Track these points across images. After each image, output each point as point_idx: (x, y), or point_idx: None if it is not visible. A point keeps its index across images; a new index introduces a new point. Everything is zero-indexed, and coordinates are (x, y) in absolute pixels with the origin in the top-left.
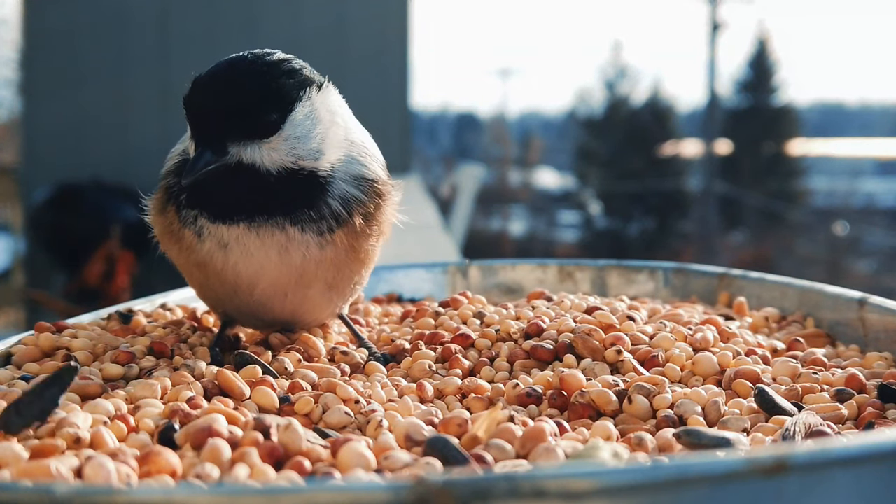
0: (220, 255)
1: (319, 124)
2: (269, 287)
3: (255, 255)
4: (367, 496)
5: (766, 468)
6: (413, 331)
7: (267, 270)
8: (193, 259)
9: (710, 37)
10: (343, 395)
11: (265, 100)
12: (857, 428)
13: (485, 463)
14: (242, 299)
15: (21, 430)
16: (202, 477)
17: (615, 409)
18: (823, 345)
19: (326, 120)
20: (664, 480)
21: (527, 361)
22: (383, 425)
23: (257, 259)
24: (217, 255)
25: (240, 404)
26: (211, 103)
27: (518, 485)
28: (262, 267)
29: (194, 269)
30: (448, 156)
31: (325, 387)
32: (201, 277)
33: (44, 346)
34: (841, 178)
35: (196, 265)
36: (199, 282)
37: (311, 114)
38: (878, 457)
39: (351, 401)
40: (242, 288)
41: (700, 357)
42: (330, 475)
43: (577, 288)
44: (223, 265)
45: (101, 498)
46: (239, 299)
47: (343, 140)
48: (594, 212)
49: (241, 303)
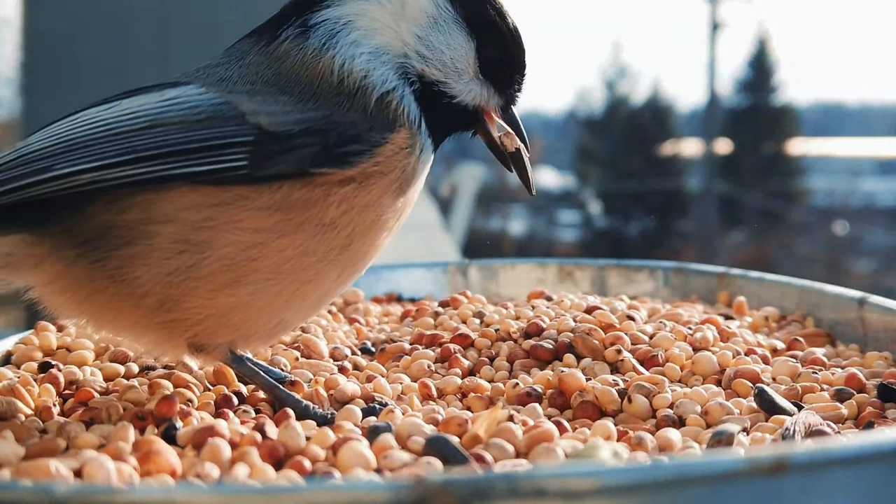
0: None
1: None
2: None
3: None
4: (367, 496)
5: (766, 468)
6: (413, 330)
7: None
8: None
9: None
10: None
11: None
12: (857, 427)
13: (485, 462)
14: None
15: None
16: (202, 476)
17: (617, 408)
18: (823, 344)
19: None
20: (664, 480)
21: (526, 361)
22: (395, 412)
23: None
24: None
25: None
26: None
27: (518, 484)
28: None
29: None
30: (448, 155)
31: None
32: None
33: (44, 345)
34: (841, 178)
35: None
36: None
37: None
38: (878, 456)
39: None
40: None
41: (700, 356)
42: (330, 475)
43: (577, 287)
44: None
45: (101, 498)
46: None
47: None
48: (594, 211)
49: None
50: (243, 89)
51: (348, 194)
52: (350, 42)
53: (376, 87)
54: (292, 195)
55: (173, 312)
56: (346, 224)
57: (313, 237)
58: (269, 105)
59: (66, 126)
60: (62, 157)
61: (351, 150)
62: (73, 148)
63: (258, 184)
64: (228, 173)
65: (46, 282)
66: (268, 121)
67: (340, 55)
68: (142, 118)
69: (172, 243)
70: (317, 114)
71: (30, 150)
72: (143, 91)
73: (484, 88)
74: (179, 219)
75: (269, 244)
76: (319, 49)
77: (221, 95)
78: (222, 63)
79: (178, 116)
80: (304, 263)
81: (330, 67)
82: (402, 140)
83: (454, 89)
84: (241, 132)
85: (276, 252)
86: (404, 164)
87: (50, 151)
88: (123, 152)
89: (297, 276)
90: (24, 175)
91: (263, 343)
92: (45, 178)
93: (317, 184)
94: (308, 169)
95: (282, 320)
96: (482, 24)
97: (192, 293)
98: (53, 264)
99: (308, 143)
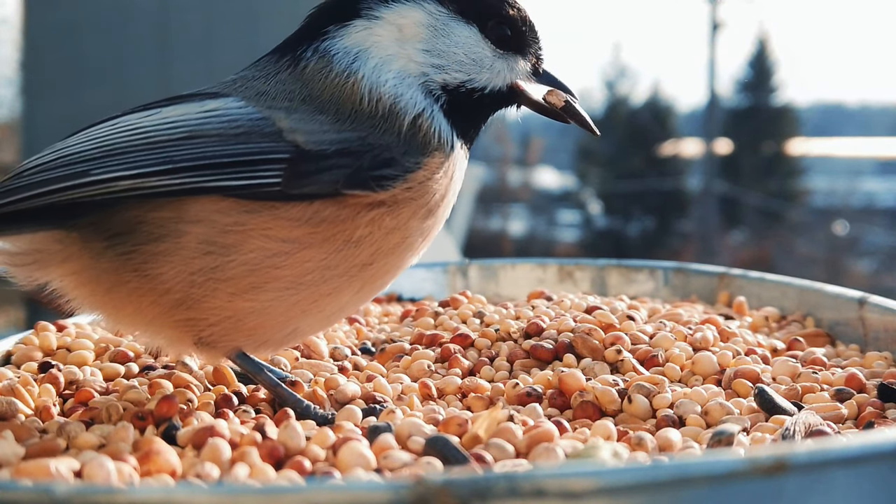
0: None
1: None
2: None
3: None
4: (367, 496)
5: (767, 468)
6: (413, 330)
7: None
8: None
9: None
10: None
11: None
12: (857, 427)
13: (485, 462)
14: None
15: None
16: (202, 476)
17: (617, 408)
18: (823, 344)
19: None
20: (664, 480)
21: (526, 361)
22: (396, 412)
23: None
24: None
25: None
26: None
27: (518, 484)
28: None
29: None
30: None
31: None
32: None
33: (44, 345)
34: (841, 178)
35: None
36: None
37: None
38: (878, 456)
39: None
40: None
41: (700, 356)
42: (330, 475)
43: (577, 287)
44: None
45: (101, 498)
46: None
47: None
48: (594, 211)
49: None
50: (282, 105)
51: (377, 217)
52: (372, 68)
53: (408, 112)
54: (322, 211)
55: (192, 311)
56: (371, 243)
57: (337, 252)
58: (306, 123)
59: (106, 130)
60: (101, 162)
61: (385, 174)
62: (112, 154)
63: (290, 200)
64: (262, 189)
65: (70, 273)
66: (305, 139)
67: (367, 80)
68: (180, 128)
69: (200, 243)
70: (352, 135)
71: (69, 153)
72: (183, 100)
73: (507, 61)
74: (209, 220)
75: (293, 254)
76: (344, 74)
77: (261, 110)
78: (258, 77)
79: (216, 129)
80: (325, 276)
81: (360, 92)
82: (436, 165)
83: (481, 80)
84: (278, 149)
85: (299, 262)
86: (435, 188)
87: (90, 155)
88: (160, 162)
89: (317, 287)
90: (62, 178)
91: (273, 349)
92: (82, 183)
93: (347, 203)
94: (340, 190)
95: (296, 329)
96: (476, 8)
97: (213, 294)
98: (80, 257)
99: (342, 164)
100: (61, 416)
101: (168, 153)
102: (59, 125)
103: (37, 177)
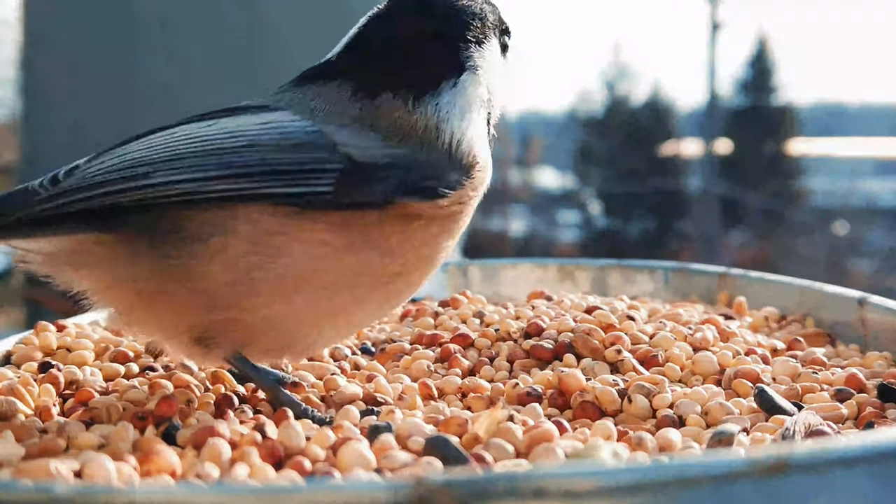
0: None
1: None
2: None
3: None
4: (367, 496)
5: (767, 468)
6: (413, 330)
7: None
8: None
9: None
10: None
11: None
12: (857, 427)
13: (485, 462)
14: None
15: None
16: (202, 476)
17: (617, 408)
18: (823, 344)
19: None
20: (664, 480)
21: (526, 361)
22: (396, 412)
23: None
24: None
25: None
26: None
27: (518, 484)
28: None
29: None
30: None
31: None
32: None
33: (44, 345)
34: (841, 178)
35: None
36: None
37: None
38: (878, 457)
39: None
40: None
41: (700, 357)
42: (330, 475)
43: (577, 287)
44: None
45: (101, 498)
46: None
47: None
48: (594, 211)
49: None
50: (334, 121)
51: (413, 229)
52: (453, 116)
53: (454, 135)
54: (364, 218)
55: (230, 312)
56: (403, 254)
57: (372, 260)
58: (358, 139)
59: (165, 138)
60: (163, 166)
61: (429, 186)
62: (174, 158)
63: (339, 209)
64: (314, 197)
65: (104, 272)
66: (357, 152)
67: (435, 116)
68: (240, 138)
69: (245, 244)
70: (401, 151)
71: (131, 157)
72: (239, 112)
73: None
74: (255, 220)
75: (332, 258)
76: (418, 111)
77: (315, 124)
78: (307, 94)
79: (274, 140)
80: (358, 282)
81: (424, 123)
82: (476, 185)
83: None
84: (331, 160)
85: (336, 267)
86: (468, 210)
87: (151, 159)
88: (221, 167)
89: (349, 292)
90: (124, 179)
91: (296, 357)
92: (143, 185)
93: (389, 213)
94: (392, 199)
95: (320, 334)
96: (503, 29)
97: (255, 294)
98: (117, 255)
99: (392, 175)
100: (61, 416)
101: (229, 159)
102: (59, 125)
103: (98, 177)
